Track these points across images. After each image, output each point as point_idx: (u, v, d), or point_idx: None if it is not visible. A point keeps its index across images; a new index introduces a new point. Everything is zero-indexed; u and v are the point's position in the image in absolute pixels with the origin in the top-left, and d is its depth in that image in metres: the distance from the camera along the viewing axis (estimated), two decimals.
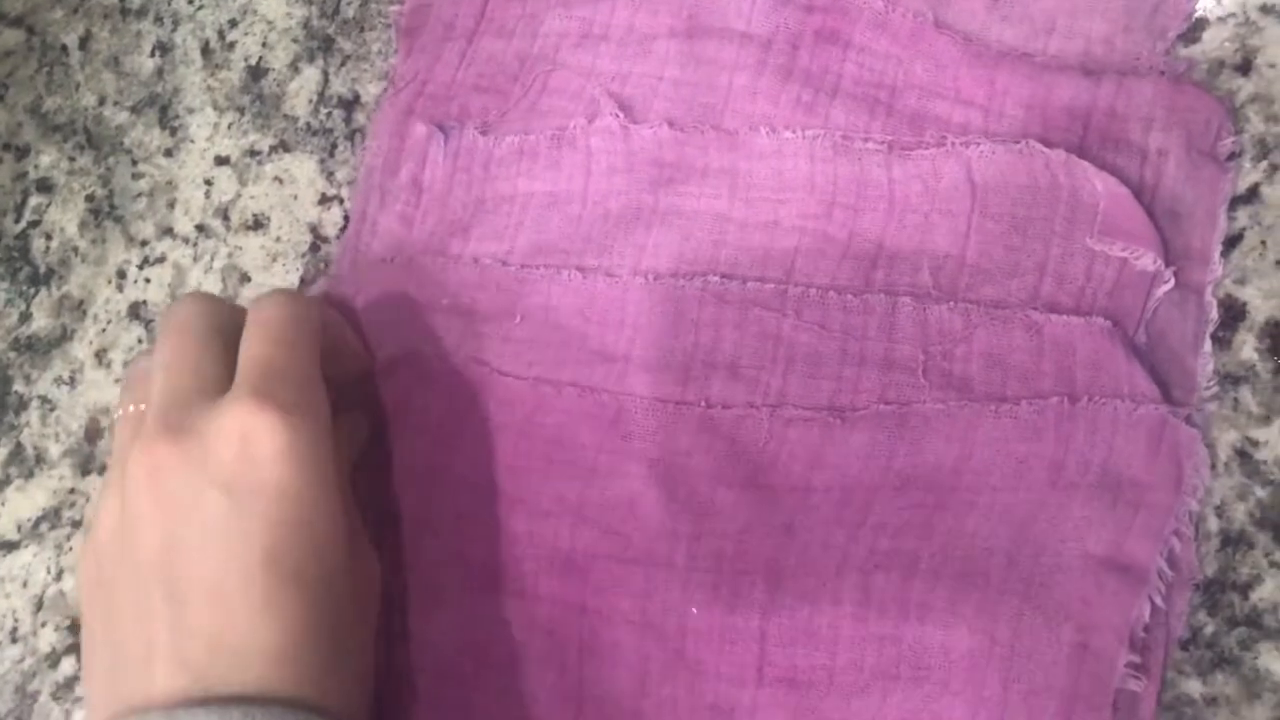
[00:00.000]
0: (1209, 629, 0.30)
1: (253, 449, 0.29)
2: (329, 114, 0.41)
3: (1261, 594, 0.30)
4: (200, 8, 0.44)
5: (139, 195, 0.43)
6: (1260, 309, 0.32)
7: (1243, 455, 0.31)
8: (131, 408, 0.32)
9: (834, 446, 0.33)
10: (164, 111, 0.43)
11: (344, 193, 0.40)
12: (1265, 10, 0.34)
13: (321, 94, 0.41)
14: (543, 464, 0.35)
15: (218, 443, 0.29)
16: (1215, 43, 0.34)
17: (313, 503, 0.29)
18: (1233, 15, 0.34)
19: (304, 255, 0.40)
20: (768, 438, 0.34)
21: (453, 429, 0.36)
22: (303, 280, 0.40)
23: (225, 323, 0.33)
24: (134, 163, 0.43)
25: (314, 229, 0.40)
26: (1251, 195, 0.33)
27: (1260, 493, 0.31)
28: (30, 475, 0.41)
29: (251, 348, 0.31)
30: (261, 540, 0.29)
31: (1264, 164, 0.33)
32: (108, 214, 0.43)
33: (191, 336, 0.32)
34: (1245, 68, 0.34)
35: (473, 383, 0.36)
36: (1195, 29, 0.34)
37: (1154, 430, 0.31)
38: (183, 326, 0.32)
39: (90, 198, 0.43)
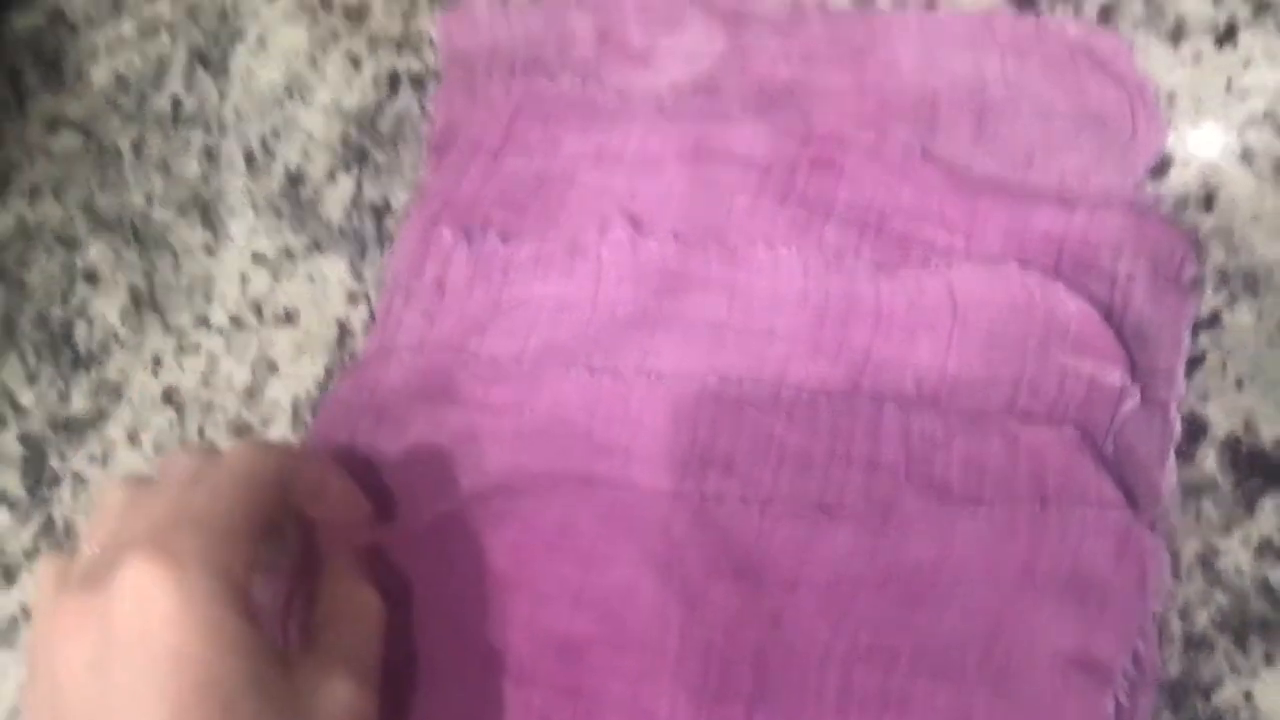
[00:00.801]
0: None
1: (145, 607, 0.28)
2: (361, 219, 0.44)
3: (1223, 695, 0.32)
4: (246, 119, 0.47)
5: (179, 288, 0.46)
6: (1221, 425, 0.35)
7: (1204, 562, 0.33)
8: (93, 547, 0.31)
9: (821, 542, 0.35)
10: (206, 212, 0.46)
11: (371, 292, 0.43)
12: (1226, 153, 0.37)
13: (355, 201, 0.45)
14: (544, 551, 0.37)
15: (115, 600, 0.28)
16: (1180, 181, 0.37)
17: (215, 663, 0.28)
18: (1196, 156, 0.37)
19: (331, 348, 0.43)
20: (758, 532, 0.36)
21: (457, 514, 0.38)
22: (328, 372, 0.43)
23: (207, 476, 0.32)
24: (176, 258, 0.46)
25: (341, 324, 0.43)
26: (1213, 320, 0.36)
27: (1221, 598, 0.33)
28: (59, 547, 0.43)
29: (185, 498, 0.31)
30: (164, 709, 0.27)
31: (1224, 292, 0.36)
32: (148, 304, 0.46)
33: (160, 485, 0.32)
34: (1208, 204, 0.37)
35: (479, 471, 0.38)
36: (1162, 167, 0.37)
37: (1120, 536, 0.33)
38: (161, 474, 0.32)
39: (133, 289, 0.46)
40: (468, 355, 0.40)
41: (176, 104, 0.49)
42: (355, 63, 0.47)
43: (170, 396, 0.44)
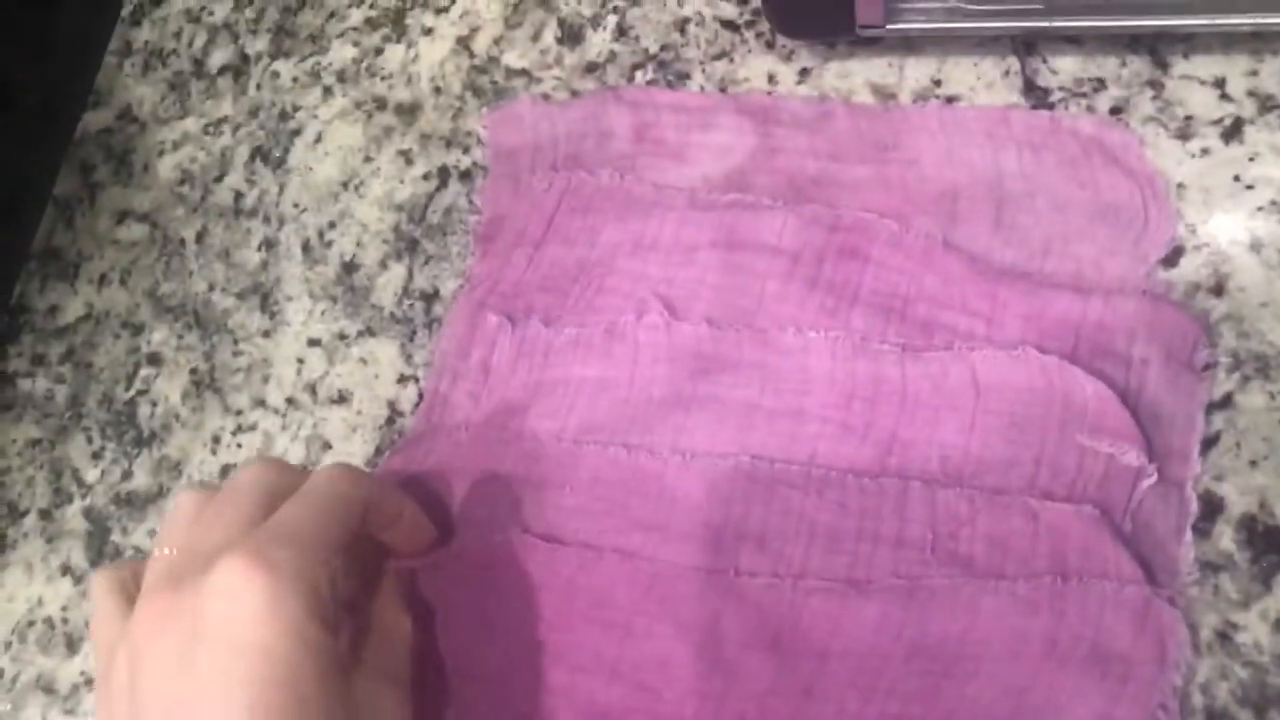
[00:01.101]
0: None
1: (237, 607, 0.30)
2: (411, 305, 0.47)
3: None
4: (304, 211, 0.50)
5: (237, 370, 0.48)
6: (1237, 504, 0.36)
7: (1223, 637, 0.34)
8: (166, 550, 0.33)
9: (850, 615, 0.36)
10: (265, 298, 0.49)
11: (420, 373, 0.45)
12: (1234, 243, 0.39)
13: (405, 288, 0.47)
14: (582, 622, 0.38)
15: (207, 598, 0.30)
16: (1192, 268, 0.39)
17: (297, 664, 0.30)
18: (1206, 245, 0.39)
19: (381, 427, 0.45)
20: (790, 604, 0.37)
21: (498, 586, 0.40)
22: (378, 450, 0.45)
23: (282, 489, 0.34)
24: (235, 342, 0.49)
25: (392, 404, 0.45)
26: (1226, 402, 0.37)
27: (1241, 673, 0.34)
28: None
29: (280, 510, 0.33)
30: (245, 699, 0.29)
31: (1236, 375, 0.37)
32: (208, 386, 0.48)
33: (238, 495, 0.34)
34: (1219, 290, 0.38)
35: (520, 545, 0.40)
36: (1174, 256, 0.39)
37: (1139, 610, 0.34)
38: (236, 486, 0.34)
39: (194, 371, 0.49)
40: (510, 433, 0.42)
41: (238, 197, 0.52)
42: (407, 158, 0.50)
43: (228, 473, 0.46)
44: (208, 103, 0.55)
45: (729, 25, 0.48)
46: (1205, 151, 0.40)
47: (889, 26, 0.42)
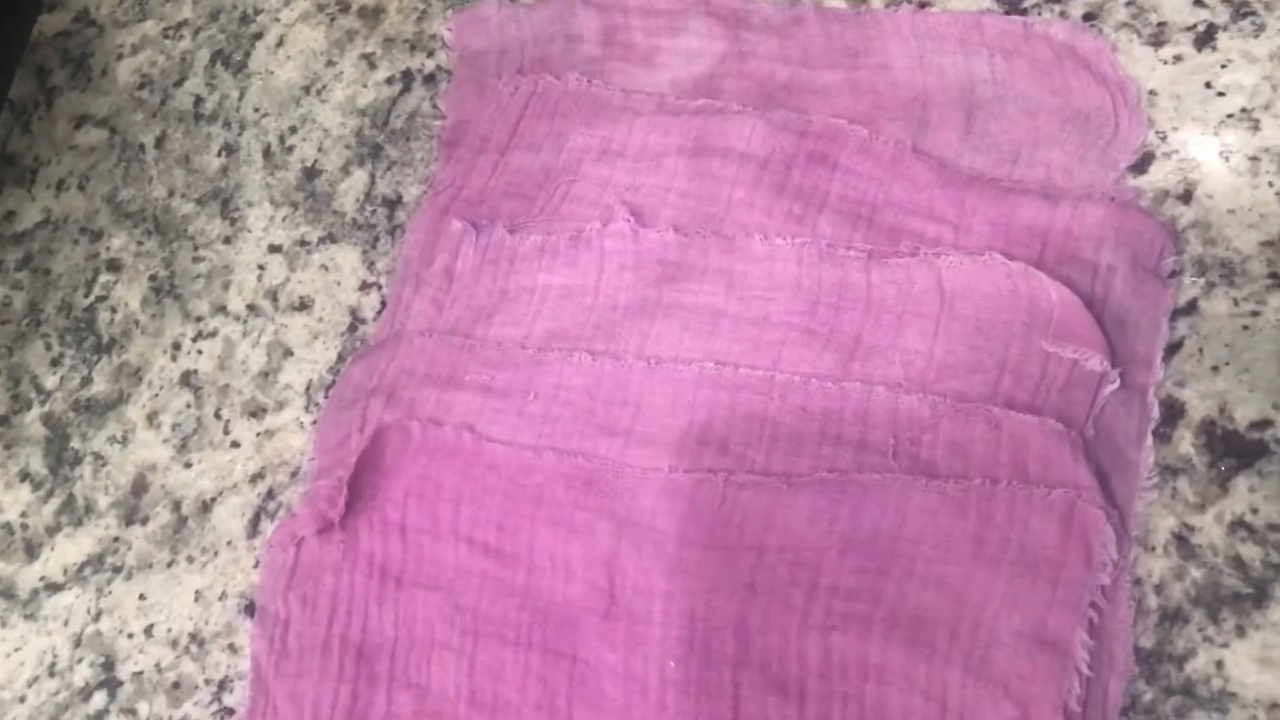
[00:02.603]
0: (1147, 697, 0.33)
1: None
2: (374, 211, 0.46)
3: (1195, 665, 0.33)
4: (265, 115, 0.49)
5: (198, 277, 0.47)
6: (1197, 409, 0.36)
7: (1180, 539, 0.35)
8: None
9: (780, 509, 0.36)
10: (225, 204, 0.48)
11: (383, 280, 0.45)
12: (1204, 150, 0.38)
13: (368, 194, 0.46)
14: (528, 522, 0.38)
15: None
16: (1160, 175, 0.39)
17: None
18: (1176, 152, 0.39)
19: (343, 334, 0.45)
20: (721, 499, 0.37)
21: (443, 491, 0.40)
22: (340, 356, 0.44)
23: None
24: (195, 248, 0.48)
25: (354, 311, 0.45)
26: (1190, 308, 0.37)
27: (1195, 573, 0.34)
28: (79, 524, 0.44)
29: None
30: None
31: (1201, 281, 0.37)
32: (168, 292, 0.48)
33: None
34: (1186, 197, 0.38)
35: (462, 449, 0.40)
36: (1143, 162, 0.39)
37: (1064, 514, 0.34)
38: None
39: (154, 277, 0.48)
40: (474, 340, 0.42)
41: (198, 101, 0.51)
42: (370, 62, 0.49)
43: (188, 380, 0.46)
44: (167, 6, 0.53)
45: None
46: (1178, 58, 0.40)
47: None
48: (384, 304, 0.44)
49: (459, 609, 0.38)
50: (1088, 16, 0.41)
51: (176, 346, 0.47)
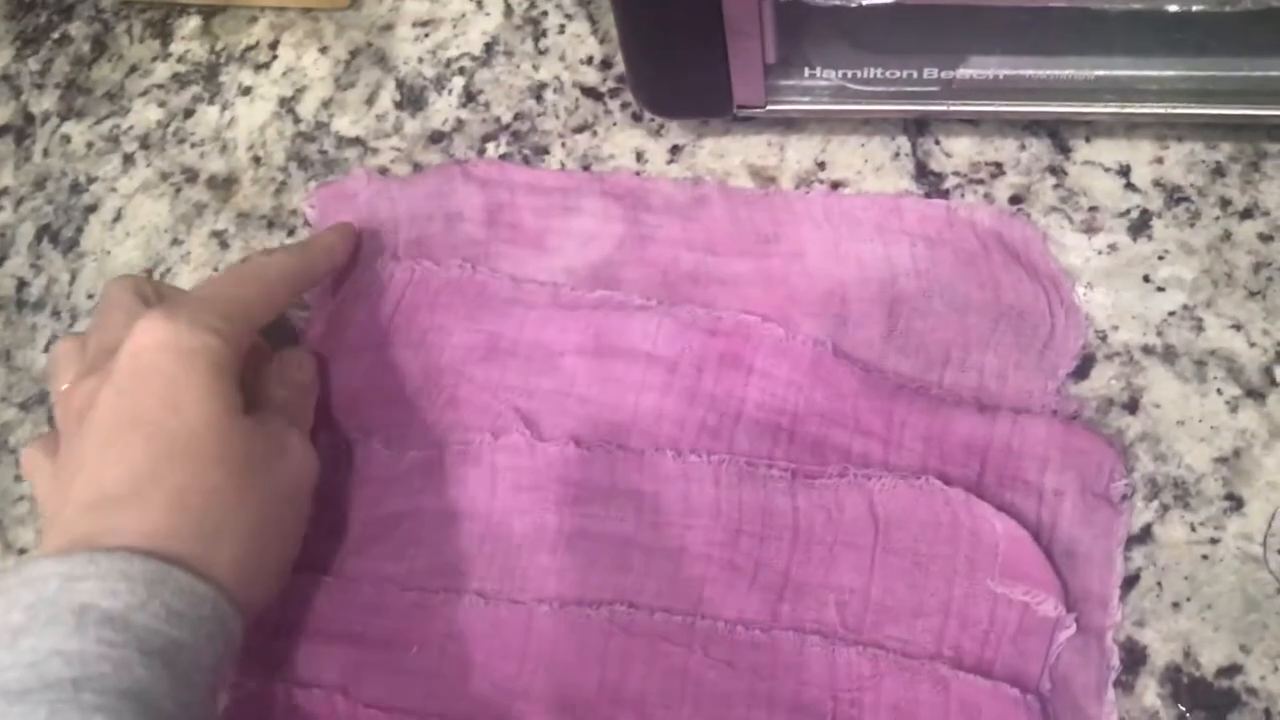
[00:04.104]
0: None
1: (137, 346, 0.32)
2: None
3: None
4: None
5: (20, 499, 0.41)
6: (1160, 653, 0.33)
7: None
8: (64, 386, 0.34)
9: None
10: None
11: None
12: (1147, 351, 0.36)
13: None
14: None
15: (121, 355, 0.32)
16: (1103, 381, 0.36)
17: (185, 385, 0.32)
18: (1118, 355, 0.36)
19: None
20: None
21: None
22: None
23: (151, 289, 0.36)
24: (17, 464, 0.41)
25: None
26: (1145, 535, 0.34)
27: None
28: None
29: (205, 285, 0.36)
30: (131, 410, 0.31)
31: (1155, 504, 0.34)
32: None
33: (117, 301, 0.35)
34: (1133, 406, 0.35)
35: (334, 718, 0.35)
36: (1084, 366, 0.36)
37: None
38: (108, 297, 0.36)
39: None
40: (344, 580, 0.37)
41: (21, 285, 0.44)
42: (222, 241, 0.43)
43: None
44: None
45: (591, 93, 0.43)
46: (1112, 248, 0.37)
47: (769, 107, 0.38)
48: None
49: None
50: (1014, 199, 0.38)
51: None
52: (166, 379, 0.32)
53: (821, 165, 0.40)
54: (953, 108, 0.37)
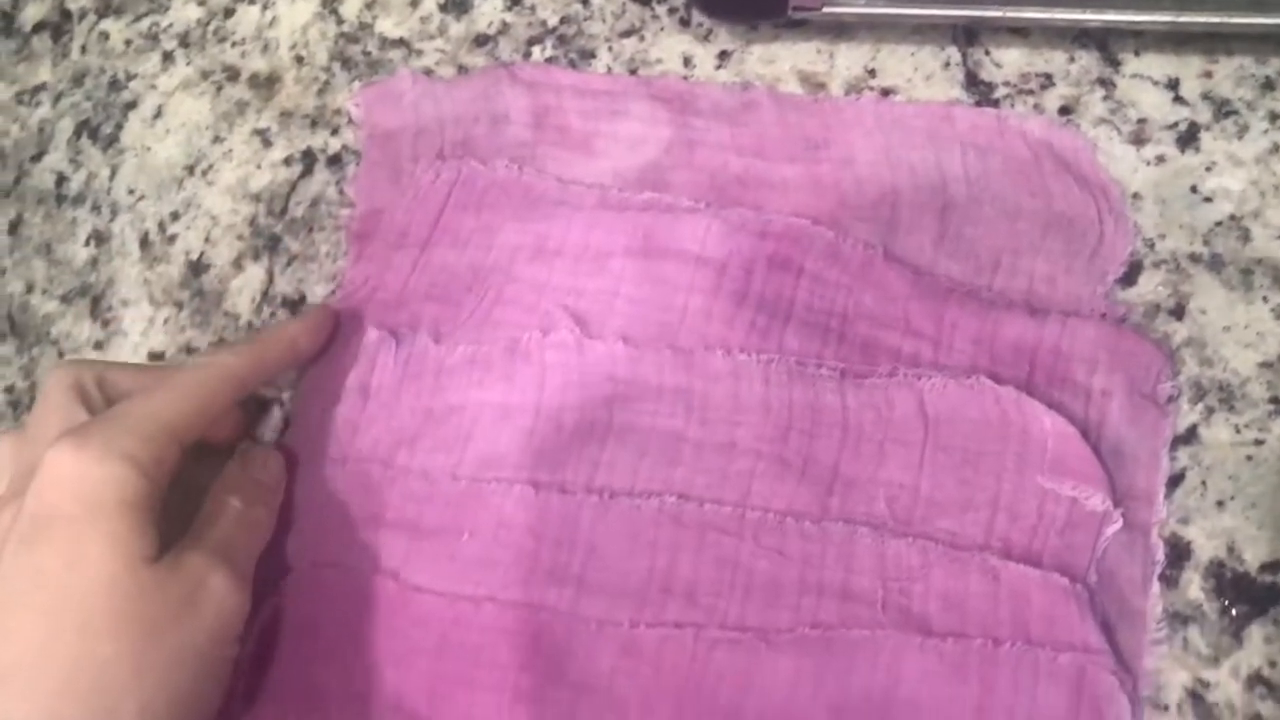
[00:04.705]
0: None
1: (43, 485, 0.30)
2: (272, 313, 0.40)
3: None
4: (141, 198, 0.43)
5: None
6: (1204, 548, 0.33)
7: (1194, 696, 0.32)
8: None
9: (761, 670, 0.32)
10: (96, 303, 0.42)
11: (284, 396, 0.39)
12: (1194, 259, 0.36)
13: (265, 293, 0.41)
14: (465, 688, 0.33)
15: (28, 496, 0.30)
16: (1150, 287, 0.36)
17: (89, 536, 0.30)
18: (1165, 262, 0.36)
19: None
20: (692, 659, 0.33)
21: (363, 652, 0.34)
22: None
23: (92, 381, 0.34)
24: (60, 355, 0.41)
25: (251, 435, 0.39)
26: (1190, 436, 0.34)
27: None
28: None
29: (129, 401, 0.33)
30: (31, 571, 0.29)
31: (1200, 406, 0.35)
32: (27, 407, 0.41)
33: (56, 400, 0.33)
34: (1179, 313, 0.36)
35: (385, 600, 0.35)
36: (1132, 273, 0.36)
37: (1074, 680, 0.31)
38: (49, 395, 0.33)
39: (10, 390, 0.41)
40: (396, 470, 0.37)
41: (61, 180, 0.44)
42: (264, 139, 0.43)
43: None
44: (20, 66, 0.46)
45: None
46: (1160, 159, 0.37)
47: (825, 10, 0.38)
48: (286, 424, 0.39)
49: None
50: (1064, 110, 0.38)
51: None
52: (69, 529, 0.30)
53: (871, 72, 0.40)
54: (1006, 14, 0.37)
